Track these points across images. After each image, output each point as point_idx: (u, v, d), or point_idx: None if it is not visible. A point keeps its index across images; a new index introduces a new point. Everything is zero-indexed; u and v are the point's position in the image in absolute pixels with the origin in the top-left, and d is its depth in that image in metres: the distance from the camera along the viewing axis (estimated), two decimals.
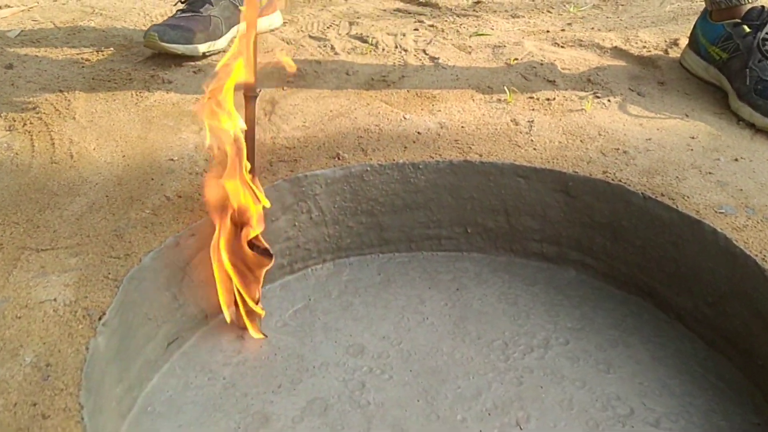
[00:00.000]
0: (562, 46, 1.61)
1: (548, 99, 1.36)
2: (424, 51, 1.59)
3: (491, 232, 1.24)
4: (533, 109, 1.33)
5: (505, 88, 1.39)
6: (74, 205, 1.04)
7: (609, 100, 1.36)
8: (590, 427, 0.94)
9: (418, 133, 1.25)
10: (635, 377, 1.02)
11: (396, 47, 1.61)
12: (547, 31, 1.70)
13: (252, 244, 1.00)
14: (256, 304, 1.04)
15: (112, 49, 1.61)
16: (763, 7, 1.34)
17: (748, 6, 1.35)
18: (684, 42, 1.53)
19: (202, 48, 1.51)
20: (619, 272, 1.17)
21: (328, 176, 1.14)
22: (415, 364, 1.04)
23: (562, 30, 1.71)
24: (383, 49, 1.60)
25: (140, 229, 0.99)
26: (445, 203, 1.22)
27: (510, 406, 0.97)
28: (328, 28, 1.74)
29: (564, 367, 1.04)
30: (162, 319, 1.00)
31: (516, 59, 1.53)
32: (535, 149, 1.20)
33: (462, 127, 1.27)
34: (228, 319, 1.05)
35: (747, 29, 1.33)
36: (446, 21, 1.78)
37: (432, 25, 1.75)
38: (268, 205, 0.98)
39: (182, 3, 1.61)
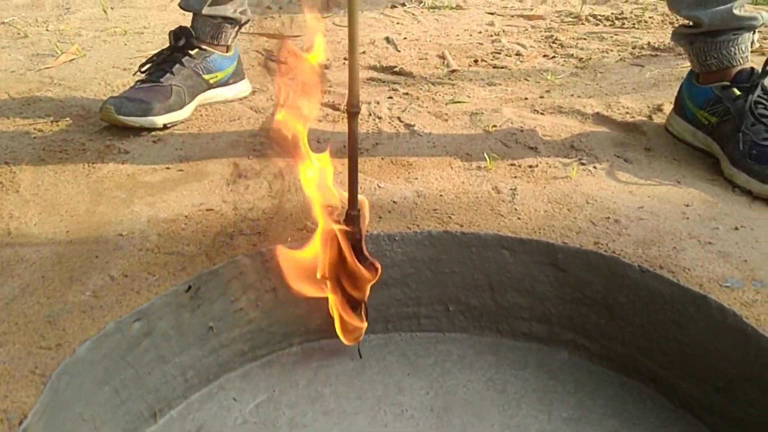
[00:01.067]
0: (541, 113, 1.55)
1: (530, 166, 1.28)
2: (398, 118, 1.52)
3: (475, 311, 1.13)
4: (515, 177, 1.25)
5: (485, 154, 1.32)
6: (5, 288, 0.92)
7: (595, 167, 1.28)
8: None
9: (394, 202, 1.16)
10: None
11: (370, 115, 1.54)
12: (526, 98, 1.65)
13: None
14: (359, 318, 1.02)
15: (68, 119, 1.52)
16: (752, 68, 1.29)
17: (739, 68, 1.30)
18: (668, 107, 1.48)
19: (161, 120, 1.43)
20: (616, 354, 1.06)
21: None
22: None
23: (541, 97, 1.66)
24: None
25: (77, 314, 0.87)
26: (424, 278, 1.12)
27: None
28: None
29: None
30: (101, 419, 0.87)
31: (495, 126, 1.46)
32: (519, 219, 1.11)
33: (440, 195, 1.18)
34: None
35: (738, 92, 1.27)
36: (421, 89, 1.73)
37: (407, 93, 1.69)
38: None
39: (142, 73, 1.53)
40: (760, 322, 0.89)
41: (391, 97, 1.66)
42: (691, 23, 1.35)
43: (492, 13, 2.54)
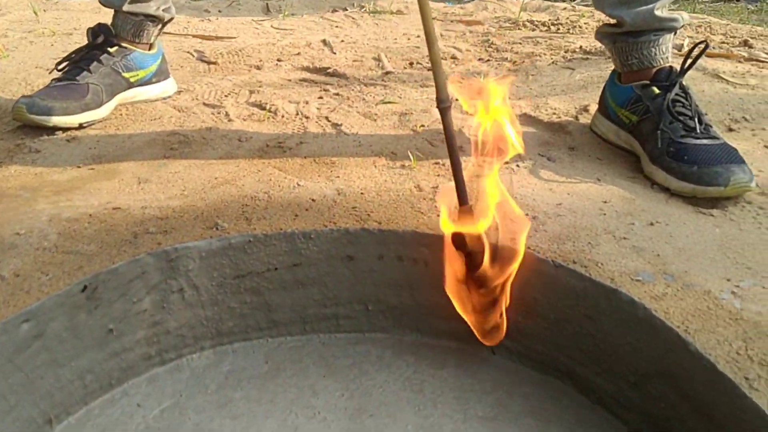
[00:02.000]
0: (470, 114, 1.54)
1: None
2: (326, 118, 1.50)
3: (395, 310, 1.11)
4: (439, 175, 1.23)
5: (410, 153, 1.30)
6: None
7: (518, 165, 1.27)
8: None
9: (312, 200, 1.13)
10: None
11: (297, 114, 1.51)
12: (456, 100, 1.64)
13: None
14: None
15: None
16: (671, 67, 1.31)
17: (658, 67, 1.31)
18: (594, 108, 1.48)
19: (76, 119, 1.37)
20: (534, 351, 1.04)
21: (203, 249, 1.00)
22: None
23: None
24: (283, 116, 1.49)
25: None
26: (342, 278, 1.09)
27: None
28: (226, 96, 1.63)
29: None
30: None
31: (423, 126, 1.45)
32: (439, 216, 1.09)
33: (361, 193, 1.16)
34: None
35: (656, 90, 1.28)
36: (353, 90, 1.70)
37: (337, 94, 1.66)
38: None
39: (59, 71, 1.48)
40: (669, 316, 0.88)
41: (321, 97, 1.63)
42: (614, 22, 1.36)
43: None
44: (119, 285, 0.94)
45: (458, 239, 0.95)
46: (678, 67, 1.30)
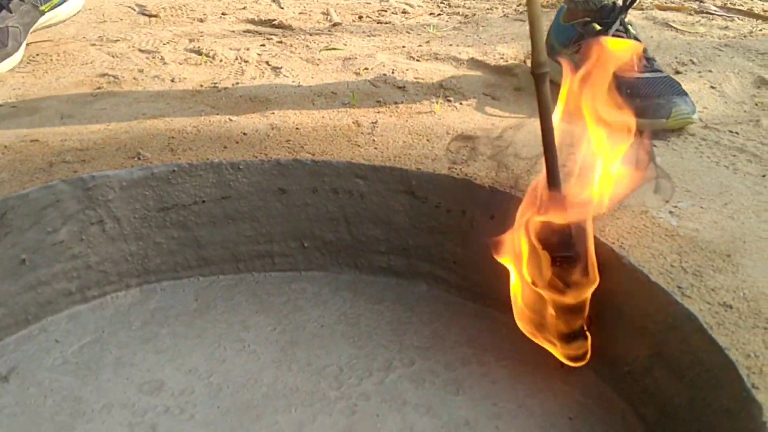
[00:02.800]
0: (417, 60, 1.50)
1: (396, 102, 1.23)
2: (267, 62, 1.44)
3: (331, 246, 1.07)
4: (378, 112, 1.19)
5: (350, 92, 1.26)
6: None
7: (461, 103, 1.24)
8: None
9: (244, 134, 1.08)
10: (488, 398, 0.85)
11: (236, 59, 1.46)
12: (403, 47, 1.60)
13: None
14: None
15: None
16: (614, 3, 1.28)
17: (601, 5, 1.28)
18: None
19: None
20: (472, 282, 1.02)
21: (124, 178, 0.95)
22: (225, 399, 0.84)
23: (419, 46, 1.61)
24: (221, 61, 1.44)
25: None
26: (275, 212, 1.05)
27: None
28: (164, 44, 1.56)
29: (407, 391, 0.86)
30: None
31: (366, 68, 1.41)
32: (376, 149, 1.06)
33: (296, 128, 1.11)
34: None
35: (597, 27, 1.26)
36: (298, 39, 1.65)
37: (281, 42, 1.61)
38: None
39: None
40: (604, 233, 0.86)
41: (263, 45, 1.58)
42: None
43: None
44: (31, 212, 0.88)
45: (546, 234, 0.78)
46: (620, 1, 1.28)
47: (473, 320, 1.00)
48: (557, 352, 0.83)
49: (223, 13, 1.89)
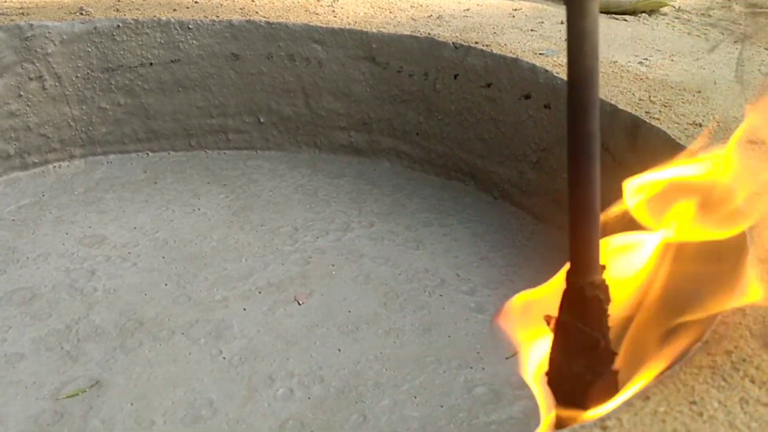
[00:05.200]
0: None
1: None
2: None
3: (289, 122, 1.02)
4: None
5: None
6: None
7: None
8: (389, 298, 0.72)
9: (196, 2, 1.02)
10: (449, 252, 0.81)
11: None
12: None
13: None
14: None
15: None
16: None
17: None
18: None
19: None
20: (436, 155, 0.97)
21: (65, 30, 0.89)
22: (171, 251, 0.79)
23: None
24: None
25: None
26: (228, 81, 0.99)
27: (289, 284, 0.74)
28: None
29: (364, 246, 0.82)
30: None
31: None
32: (335, 17, 1.01)
33: (252, 1, 1.06)
34: None
35: None
36: None
37: None
38: None
39: None
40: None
41: None
42: None
43: None
44: None
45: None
46: None
47: (436, 191, 0.95)
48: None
49: None
